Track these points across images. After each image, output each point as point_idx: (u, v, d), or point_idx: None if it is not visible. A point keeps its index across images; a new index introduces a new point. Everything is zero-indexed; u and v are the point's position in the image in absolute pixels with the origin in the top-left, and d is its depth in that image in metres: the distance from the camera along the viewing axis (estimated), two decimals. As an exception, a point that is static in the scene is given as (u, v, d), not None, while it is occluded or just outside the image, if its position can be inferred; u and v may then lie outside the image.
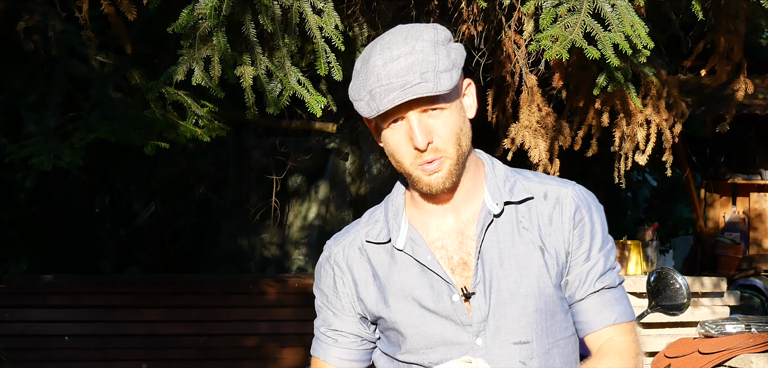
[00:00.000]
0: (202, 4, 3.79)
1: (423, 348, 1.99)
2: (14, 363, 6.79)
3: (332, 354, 2.08)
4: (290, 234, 9.70)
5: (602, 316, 2.00)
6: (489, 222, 1.99)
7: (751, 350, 5.16)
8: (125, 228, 11.25)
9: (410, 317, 1.99)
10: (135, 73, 5.30)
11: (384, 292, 2.01)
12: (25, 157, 5.08)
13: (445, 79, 1.89)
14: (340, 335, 2.07)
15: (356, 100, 1.95)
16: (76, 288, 7.22)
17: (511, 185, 2.02)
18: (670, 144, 5.79)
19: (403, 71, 1.88)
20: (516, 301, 1.97)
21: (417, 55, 1.89)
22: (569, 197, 2.02)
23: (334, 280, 2.07)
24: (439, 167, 1.93)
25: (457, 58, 1.93)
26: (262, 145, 8.99)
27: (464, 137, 1.95)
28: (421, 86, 1.88)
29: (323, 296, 2.09)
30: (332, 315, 2.07)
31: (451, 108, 1.93)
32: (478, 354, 1.96)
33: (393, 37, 1.93)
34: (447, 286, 1.97)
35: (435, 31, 1.94)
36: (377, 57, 1.91)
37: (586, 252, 2.00)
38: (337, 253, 2.07)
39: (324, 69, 4.06)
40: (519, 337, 1.96)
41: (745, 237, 9.07)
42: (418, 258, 1.99)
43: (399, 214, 2.04)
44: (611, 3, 4.10)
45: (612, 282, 2.02)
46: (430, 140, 1.92)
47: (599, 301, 2.00)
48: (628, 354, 1.99)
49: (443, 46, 1.92)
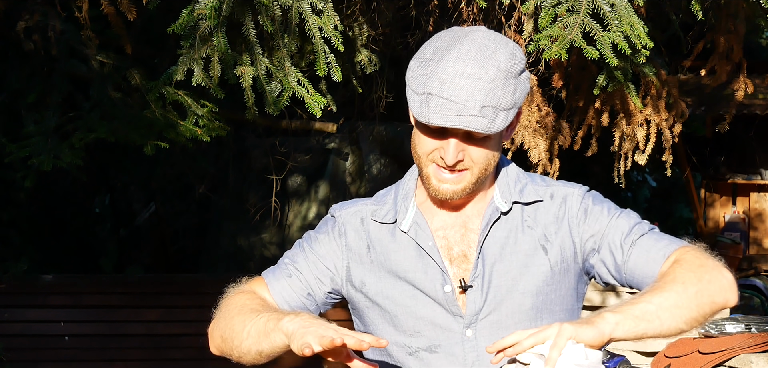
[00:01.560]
0: (202, 5, 3.80)
1: (411, 329, 1.99)
2: (14, 363, 6.79)
3: (279, 284, 2.07)
4: (290, 234, 9.69)
5: (652, 256, 1.94)
6: (495, 218, 2.00)
7: (751, 350, 5.16)
8: (125, 228, 11.25)
9: (403, 295, 2.00)
10: (135, 72, 5.30)
11: (377, 267, 2.02)
12: (25, 156, 5.08)
13: (501, 120, 1.87)
14: (297, 273, 2.07)
15: (412, 91, 1.91)
16: (76, 288, 7.22)
17: (522, 187, 2.03)
18: (669, 144, 5.79)
19: (467, 95, 1.84)
20: (512, 298, 1.97)
21: (485, 83, 1.85)
22: (575, 194, 2.03)
23: (328, 236, 2.08)
24: (458, 181, 1.93)
25: (519, 97, 1.90)
26: (262, 145, 8.98)
27: (493, 160, 1.94)
28: (476, 120, 1.84)
29: (309, 240, 2.10)
30: (303, 258, 2.08)
31: (494, 137, 1.92)
32: (467, 346, 1.96)
33: (470, 48, 1.87)
34: (441, 275, 1.98)
35: (512, 59, 1.89)
36: (449, 64, 1.86)
37: (605, 225, 1.99)
38: (340, 217, 2.09)
39: (323, 69, 4.06)
40: (509, 332, 1.96)
41: (745, 237, 9.07)
42: (420, 243, 1.99)
43: (408, 198, 2.05)
44: (610, 3, 4.10)
45: (643, 230, 1.98)
46: (461, 159, 1.90)
47: (643, 248, 1.95)
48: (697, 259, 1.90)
49: (513, 80, 1.88)
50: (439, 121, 1.85)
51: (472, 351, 1.97)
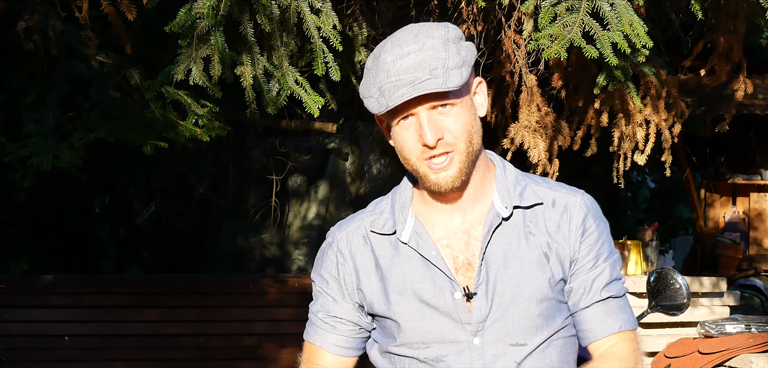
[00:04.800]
0: (200, 4, 3.79)
1: (418, 343, 1.99)
2: (14, 363, 6.79)
3: (329, 340, 2.08)
4: (290, 234, 9.69)
5: (606, 324, 2.01)
6: (497, 224, 1.99)
7: (751, 350, 5.16)
8: (125, 228, 11.26)
9: (409, 310, 1.99)
10: (135, 72, 5.30)
11: (385, 283, 2.02)
12: (25, 156, 5.08)
13: (455, 76, 1.89)
14: (338, 321, 2.07)
15: (366, 97, 1.95)
16: (76, 288, 7.21)
17: (522, 189, 2.03)
18: (669, 144, 5.79)
19: (413, 67, 1.89)
20: (517, 304, 1.97)
21: (427, 52, 1.90)
22: (578, 205, 2.02)
23: (336, 267, 2.07)
24: (449, 165, 1.93)
25: (467, 56, 1.94)
26: (262, 145, 8.99)
27: (475, 134, 1.96)
28: (430, 82, 1.88)
29: (323, 281, 2.09)
30: (332, 301, 2.07)
31: (461, 104, 1.93)
32: (474, 354, 1.96)
33: (403, 35, 1.94)
34: (450, 283, 1.97)
35: (445, 30, 1.94)
36: (387, 54, 1.92)
37: (593, 261, 2.01)
38: (341, 240, 2.07)
39: (321, 69, 4.05)
40: (516, 339, 1.97)
41: (745, 237, 9.06)
42: (423, 253, 1.99)
43: (406, 208, 2.04)
44: (610, 2, 4.10)
45: (617, 291, 2.03)
46: (440, 136, 1.92)
47: (604, 310, 2.01)
48: (628, 361, 2.00)
49: (454, 44, 1.92)
50: (397, 99, 1.89)
51: (479, 360, 1.97)
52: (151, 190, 10.37)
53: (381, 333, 2.06)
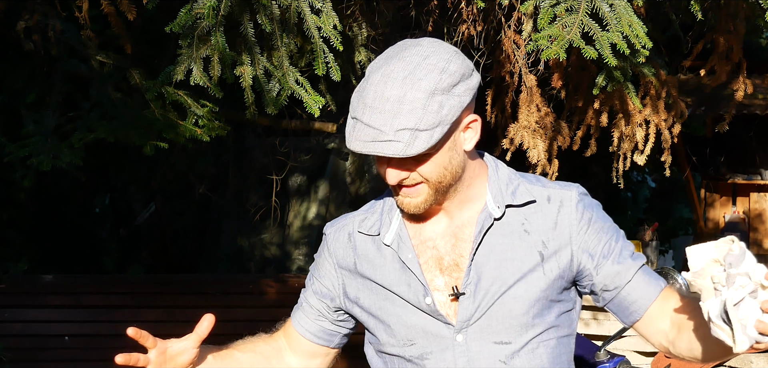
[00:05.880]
0: (200, 4, 3.79)
1: (404, 339, 2.01)
2: (14, 363, 6.79)
3: (297, 315, 2.17)
4: (290, 234, 9.70)
5: (653, 286, 2.01)
6: (489, 225, 1.99)
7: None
8: (125, 228, 11.26)
9: (394, 306, 2.01)
10: (135, 72, 5.30)
11: (367, 280, 2.04)
12: (25, 156, 5.08)
13: (422, 140, 1.82)
14: (306, 301, 2.15)
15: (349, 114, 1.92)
16: (76, 288, 7.22)
17: (514, 188, 2.02)
18: (669, 144, 5.79)
19: (383, 120, 1.82)
20: (504, 304, 1.97)
21: (405, 104, 1.82)
22: (573, 199, 2.01)
23: (323, 258, 2.13)
24: (415, 194, 1.92)
25: (448, 113, 1.84)
26: (262, 145, 8.99)
27: (450, 171, 1.91)
28: (390, 145, 1.82)
29: (314, 266, 2.16)
30: (311, 284, 2.15)
31: (436, 152, 1.88)
32: (458, 351, 1.98)
33: (399, 69, 1.86)
34: (422, 288, 1.98)
35: (441, 76, 1.85)
36: (372, 87, 1.86)
37: (608, 245, 2.00)
38: (330, 235, 2.13)
39: (322, 69, 4.05)
40: (501, 338, 1.97)
41: (745, 237, 9.06)
42: (401, 256, 2.00)
43: (393, 210, 2.05)
44: (609, 3, 4.10)
45: (642, 259, 2.05)
46: (403, 178, 1.89)
47: (643, 275, 2.01)
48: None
49: (439, 96, 1.84)
50: (356, 147, 1.86)
51: (462, 356, 1.98)
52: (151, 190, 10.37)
53: (372, 335, 2.08)
